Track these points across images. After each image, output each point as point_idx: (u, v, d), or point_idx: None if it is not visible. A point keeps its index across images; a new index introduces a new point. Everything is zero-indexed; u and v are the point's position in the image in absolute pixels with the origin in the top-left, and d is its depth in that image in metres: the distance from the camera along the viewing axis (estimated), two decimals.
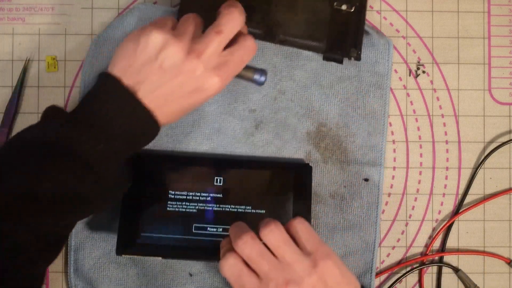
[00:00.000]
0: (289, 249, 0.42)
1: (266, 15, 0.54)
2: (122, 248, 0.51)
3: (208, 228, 0.52)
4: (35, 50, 0.56)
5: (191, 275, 0.54)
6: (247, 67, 0.48)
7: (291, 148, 0.55)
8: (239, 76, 0.48)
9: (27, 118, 0.56)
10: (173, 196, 0.52)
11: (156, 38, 0.43)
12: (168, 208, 0.52)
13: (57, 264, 0.55)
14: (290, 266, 0.42)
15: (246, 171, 0.53)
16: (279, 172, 0.53)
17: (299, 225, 0.43)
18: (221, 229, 0.52)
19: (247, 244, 0.42)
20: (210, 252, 0.51)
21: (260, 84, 0.49)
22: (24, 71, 0.56)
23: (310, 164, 0.54)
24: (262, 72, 0.49)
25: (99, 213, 0.54)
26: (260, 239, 0.43)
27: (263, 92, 0.55)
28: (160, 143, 0.54)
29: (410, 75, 0.57)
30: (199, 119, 0.55)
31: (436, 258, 0.56)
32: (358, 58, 0.54)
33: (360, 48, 0.54)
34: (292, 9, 0.54)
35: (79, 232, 0.54)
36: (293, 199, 0.52)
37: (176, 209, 0.52)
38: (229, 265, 0.42)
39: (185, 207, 0.52)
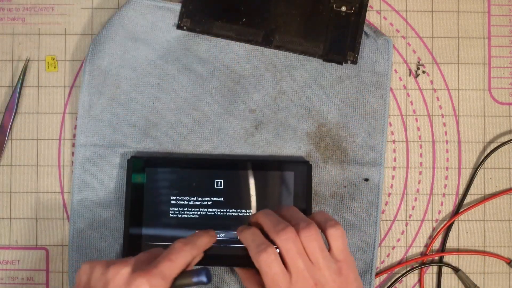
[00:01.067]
0: (323, 255, 0.45)
1: (265, 19, 0.54)
2: (126, 255, 0.52)
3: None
4: (35, 50, 0.56)
5: None
6: (186, 273, 0.46)
7: (291, 148, 0.55)
8: (178, 285, 0.45)
9: (27, 118, 0.56)
10: (175, 202, 0.52)
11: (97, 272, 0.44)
12: (170, 215, 0.52)
13: (57, 264, 0.55)
14: (320, 270, 0.44)
15: (245, 172, 0.53)
16: (278, 173, 0.53)
17: (336, 232, 0.45)
18: (223, 235, 0.52)
19: (290, 240, 0.44)
20: (214, 258, 0.51)
21: (205, 283, 0.45)
22: (24, 71, 0.56)
23: (310, 162, 0.54)
24: (201, 272, 0.45)
25: (101, 214, 0.54)
26: None
27: (263, 92, 0.55)
28: (160, 143, 0.54)
29: (410, 75, 0.57)
30: (199, 119, 0.55)
31: (436, 258, 0.57)
32: (354, 61, 0.54)
33: (358, 51, 0.54)
34: (291, 12, 0.54)
35: (80, 232, 0.54)
36: (294, 199, 0.52)
37: (179, 215, 0.52)
38: (271, 260, 0.44)
39: (187, 213, 0.52)
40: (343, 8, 0.54)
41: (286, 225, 0.45)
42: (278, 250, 0.45)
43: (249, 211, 0.53)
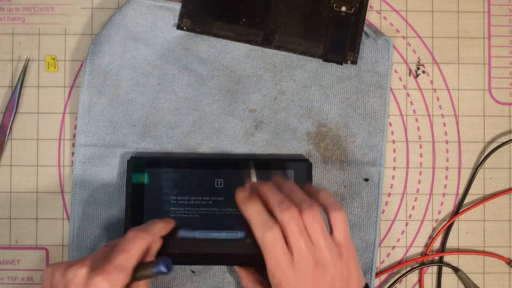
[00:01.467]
0: (325, 237, 0.45)
1: (265, 19, 0.54)
2: None
3: (212, 234, 0.52)
4: (35, 50, 0.56)
5: (193, 272, 0.54)
6: (145, 264, 0.46)
7: (291, 148, 0.55)
8: (139, 277, 0.45)
9: (27, 118, 0.56)
10: (175, 202, 0.52)
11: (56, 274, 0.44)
12: (171, 215, 0.52)
13: None
14: (321, 251, 0.44)
15: (245, 171, 0.53)
16: (278, 171, 0.53)
17: (339, 216, 0.46)
18: (224, 234, 0.52)
19: (294, 220, 0.44)
20: (215, 257, 0.51)
21: (164, 273, 0.45)
22: (24, 71, 0.56)
23: (310, 160, 0.54)
24: (159, 262, 0.45)
25: (101, 214, 0.54)
26: None
27: (263, 92, 0.55)
28: (160, 143, 0.54)
29: (410, 75, 0.57)
30: (199, 119, 0.55)
31: (436, 258, 0.57)
32: (354, 61, 0.54)
33: (358, 51, 0.54)
34: (291, 12, 0.54)
35: (80, 232, 0.54)
36: None
37: (179, 215, 0.52)
38: (276, 240, 0.44)
39: (188, 212, 0.52)
40: (343, 8, 0.54)
41: (290, 204, 0.45)
42: None
43: None
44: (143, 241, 0.46)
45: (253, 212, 0.46)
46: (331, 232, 0.46)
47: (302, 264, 0.44)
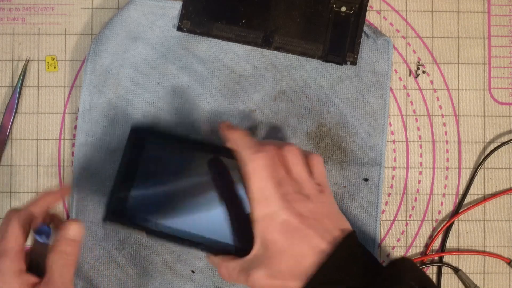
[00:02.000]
0: (304, 171, 0.45)
1: (264, 20, 0.54)
2: (110, 216, 0.48)
3: (203, 216, 0.48)
4: (35, 50, 0.56)
5: (193, 272, 0.54)
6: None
7: None
8: (35, 255, 0.45)
9: (27, 118, 0.56)
10: (168, 178, 0.49)
11: None
12: (162, 191, 0.49)
13: None
14: (301, 184, 0.45)
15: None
16: None
17: (317, 158, 0.47)
18: (216, 217, 0.48)
19: (270, 153, 0.44)
20: (204, 240, 0.47)
21: (45, 241, 0.44)
22: (24, 71, 0.56)
23: None
24: (40, 231, 0.45)
25: (100, 214, 0.54)
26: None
27: (263, 92, 0.55)
28: None
29: (410, 75, 0.57)
30: (199, 119, 0.55)
31: (436, 258, 0.56)
32: (354, 62, 0.54)
33: (357, 52, 0.54)
34: (291, 13, 0.54)
35: None
36: None
37: (171, 191, 0.49)
38: (265, 160, 0.44)
39: (180, 191, 0.48)
40: (343, 9, 0.54)
41: (267, 142, 0.46)
42: None
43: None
44: (15, 219, 0.44)
45: (238, 137, 0.46)
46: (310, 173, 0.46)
47: (286, 190, 0.44)
